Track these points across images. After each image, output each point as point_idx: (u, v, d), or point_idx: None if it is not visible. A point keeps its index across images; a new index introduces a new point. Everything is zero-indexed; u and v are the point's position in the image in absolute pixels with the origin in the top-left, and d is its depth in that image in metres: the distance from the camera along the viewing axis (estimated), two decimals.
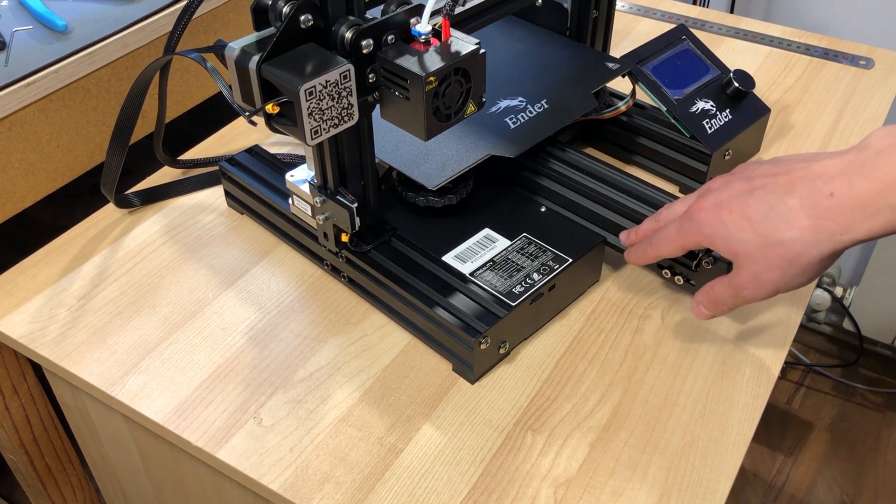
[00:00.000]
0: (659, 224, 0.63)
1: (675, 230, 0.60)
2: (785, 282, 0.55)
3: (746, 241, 0.55)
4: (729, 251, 0.56)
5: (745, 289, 0.57)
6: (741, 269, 0.56)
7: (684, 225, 0.59)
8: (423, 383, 0.63)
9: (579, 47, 0.84)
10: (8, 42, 0.80)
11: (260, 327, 0.68)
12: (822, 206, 0.51)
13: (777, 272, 0.54)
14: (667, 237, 0.61)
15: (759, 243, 0.54)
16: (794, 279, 0.54)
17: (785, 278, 0.55)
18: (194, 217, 0.79)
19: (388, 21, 0.56)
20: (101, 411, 0.69)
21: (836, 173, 0.51)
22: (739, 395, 0.62)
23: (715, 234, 0.56)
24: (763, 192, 0.54)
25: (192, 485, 0.68)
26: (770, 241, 0.54)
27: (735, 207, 0.55)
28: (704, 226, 0.57)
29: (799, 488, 1.51)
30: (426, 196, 0.70)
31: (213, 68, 0.61)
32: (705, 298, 0.61)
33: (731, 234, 0.55)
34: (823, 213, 0.51)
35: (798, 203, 0.53)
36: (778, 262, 0.54)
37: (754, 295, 0.57)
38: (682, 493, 0.56)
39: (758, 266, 0.55)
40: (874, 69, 0.97)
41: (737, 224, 0.55)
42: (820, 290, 1.65)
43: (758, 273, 0.55)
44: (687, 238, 0.59)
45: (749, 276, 0.56)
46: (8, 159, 0.76)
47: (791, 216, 0.53)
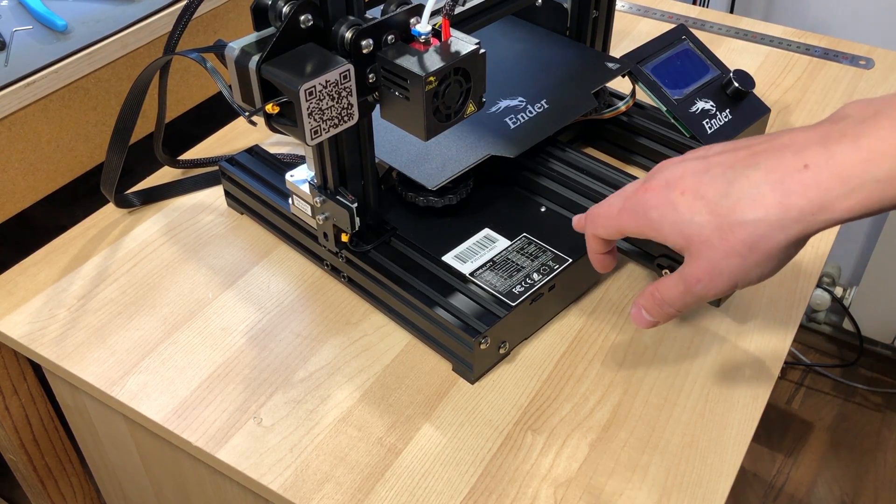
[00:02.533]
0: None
1: (618, 208, 0.52)
2: (745, 271, 0.47)
3: (701, 223, 0.47)
4: (680, 237, 0.48)
5: (699, 282, 0.49)
6: (694, 259, 0.48)
7: (628, 204, 0.51)
8: (423, 383, 0.63)
9: (579, 47, 0.84)
10: (8, 42, 0.80)
11: (260, 327, 0.68)
12: (792, 179, 0.44)
13: (736, 259, 0.47)
14: (606, 214, 0.54)
15: (716, 225, 0.46)
16: (756, 268, 0.47)
17: (746, 267, 0.47)
18: (194, 217, 0.79)
19: (388, 21, 0.56)
20: (101, 411, 0.69)
21: (809, 144, 0.44)
22: (739, 395, 0.62)
23: (663, 217, 0.49)
24: (721, 168, 0.47)
25: (192, 485, 0.68)
26: (729, 221, 0.46)
27: (688, 186, 0.48)
28: (651, 208, 0.49)
29: (799, 488, 1.51)
30: (426, 196, 0.70)
31: (213, 68, 0.61)
32: (648, 300, 0.53)
33: (682, 216, 0.48)
34: (794, 188, 0.44)
35: (763, 177, 0.45)
36: (738, 247, 0.46)
37: (708, 289, 0.49)
38: (682, 493, 0.56)
39: (714, 253, 0.47)
40: (874, 69, 0.97)
41: (689, 205, 0.47)
42: (820, 290, 1.65)
43: (714, 261, 0.47)
44: (628, 220, 0.52)
45: (703, 267, 0.48)
46: (8, 159, 0.76)
47: (755, 192, 0.45)
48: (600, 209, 0.55)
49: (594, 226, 0.56)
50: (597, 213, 0.55)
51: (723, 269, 0.48)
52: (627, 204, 0.52)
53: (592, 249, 0.58)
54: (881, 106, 0.44)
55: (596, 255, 0.58)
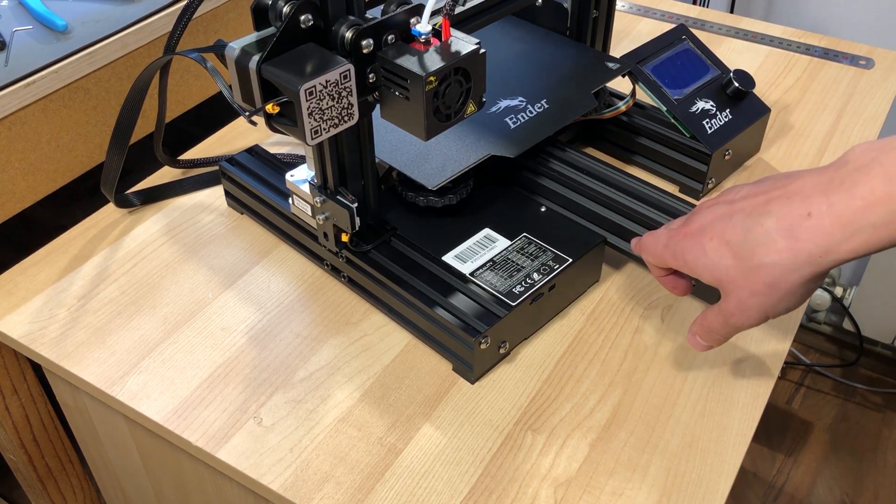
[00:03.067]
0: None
1: (662, 245, 0.58)
2: (772, 306, 0.53)
3: (728, 266, 0.53)
4: (713, 278, 0.54)
5: (734, 316, 0.55)
6: (727, 296, 0.54)
7: (670, 243, 0.57)
8: (423, 383, 0.63)
9: (579, 47, 0.84)
10: (8, 42, 0.80)
11: (260, 327, 0.68)
12: (799, 227, 0.49)
13: (762, 297, 0.52)
14: (653, 248, 0.59)
15: (741, 268, 0.52)
16: (781, 303, 0.52)
17: (770, 303, 0.52)
18: (194, 217, 0.79)
19: (388, 21, 0.56)
20: (101, 411, 0.69)
21: (814, 192, 0.49)
22: (739, 395, 0.62)
23: (696, 261, 0.55)
24: (741, 216, 0.52)
25: (192, 485, 0.68)
26: (751, 265, 0.52)
27: (716, 233, 0.54)
28: (687, 251, 0.56)
29: (799, 488, 1.51)
30: (426, 196, 0.70)
31: (213, 68, 0.61)
32: (699, 328, 0.59)
33: (711, 260, 0.54)
34: (801, 235, 0.49)
35: (775, 225, 0.50)
36: (761, 287, 0.52)
37: (743, 322, 0.55)
38: (682, 493, 0.56)
39: (742, 292, 0.53)
40: (874, 69, 0.97)
41: (717, 250, 0.53)
42: (820, 290, 1.65)
43: (743, 299, 0.53)
44: (670, 258, 0.58)
45: (735, 303, 0.54)
46: (8, 159, 0.76)
47: (768, 239, 0.50)
48: (649, 241, 0.60)
49: (644, 253, 0.61)
50: (645, 244, 0.61)
51: (751, 305, 0.53)
52: (670, 243, 0.57)
53: (652, 272, 0.62)
54: (878, 153, 0.47)
55: (656, 277, 0.62)
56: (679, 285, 0.61)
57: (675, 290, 0.62)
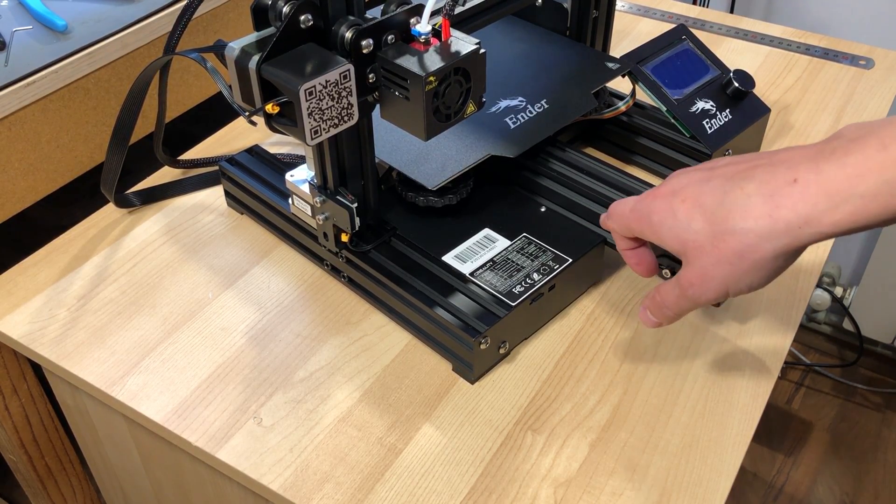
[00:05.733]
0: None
1: (629, 208, 0.55)
2: (735, 279, 0.49)
3: (696, 230, 0.49)
4: (677, 242, 0.51)
5: (692, 286, 0.51)
6: (689, 264, 0.51)
7: (637, 206, 0.54)
8: (423, 383, 0.63)
9: (579, 47, 0.84)
10: (8, 42, 0.80)
11: (260, 327, 0.68)
12: (781, 192, 0.46)
13: (726, 267, 0.49)
14: (620, 212, 0.56)
15: (710, 232, 0.49)
16: (745, 277, 0.49)
17: (735, 275, 0.49)
18: (194, 217, 0.79)
19: (388, 21, 0.56)
20: (101, 411, 0.69)
21: (803, 160, 0.46)
22: (739, 395, 0.62)
23: (662, 222, 0.51)
24: (721, 180, 0.49)
25: (192, 485, 0.68)
26: (721, 229, 0.48)
27: (689, 195, 0.50)
28: (653, 213, 0.52)
29: (799, 488, 1.51)
30: (426, 196, 0.70)
31: (213, 68, 0.61)
32: (651, 301, 0.56)
33: (679, 223, 0.50)
34: (783, 201, 0.46)
35: (756, 188, 0.47)
36: (728, 255, 0.48)
37: (701, 293, 0.51)
38: (682, 493, 0.56)
39: (706, 259, 0.49)
40: (874, 69, 0.97)
41: (688, 212, 0.50)
42: (820, 290, 1.65)
43: (706, 267, 0.49)
44: (635, 221, 0.54)
45: (696, 272, 0.50)
46: (8, 159, 0.76)
47: (747, 203, 0.47)
48: (616, 206, 0.57)
49: (611, 220, 0.58)
50: (613, 209, 0.57)
51: (714, 275, 0.50)
52: (637, 206, 0.54)
53: (617, 245, 0.59)
54: (874, 127, 0.45)
55: (621, 250, 0.59)
56: (643, 261, 0.58)
57: (639, 266, 0.58)
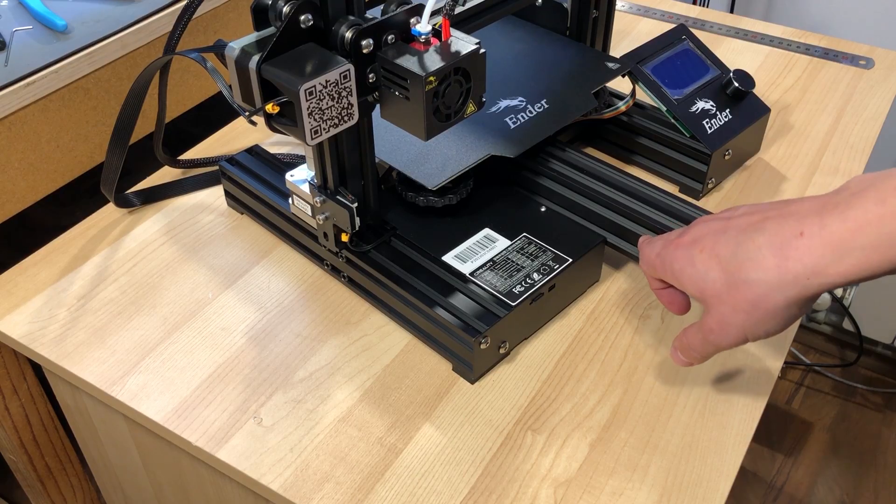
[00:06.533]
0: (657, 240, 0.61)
1: (655, 254, 0.58)
2: (751, 326, 0.52)
3: (713, 279, 0.52)
4: (697, 290, 0.54)
5: (713, 332, 0.54)
6: (709, 311, 0.54)
7: (662, 253, 0.57)
8: (423, 383, 0.63)
9: (579, 47, 0.84)
10: (8, 42, 0.80)
11: (260, 327, 0.68)
12: (789, 245, 0.49)
13: (742, 315, 0.51)
14: (647, 256, 0.59)
15: (726, 282, 0.51)
16: (761, 325, 0.51)
17: (750, 322, 0.51)
18: (194, 217, 0.79)
19: (388, 21, 0.56)
20: (101, 411, 0.69)
21: (810, 213, 0.49)
22: (739, 395, 0.62)
23: (683, 271, 0.54)
24: (735, 231, 0.52)
25: (192, 485, 0.68)
26: (736, 280, 0.51)
27: (707, 245, 0.53)
28: (675, 261, 0.55)
29: (799, 488, 1.51)
30: (426, 196, 0.70)
31: (213, 68, 0.61)
32: (679, 343, 0.58)
33: (698, 272, 0.53)
34: (790, 254, 0.48)
35: (766, 241, 0.50)
36: (743, 305, 0.51)
37: (721, 340, 0.54)
38: (682, 493, 0.56)
39: (724, 307, 0.52)
40: (874, 69, 0.97)
41: (705, 262, 0.53)
42: None
43: (724, 315, 0.52)
44: (660, 267, 0.57)
45: (716, 319, 0.53)
46: (8, 159, 0.76)
47: (758, 255, 0.50)
48: (645, 248, 0.60)
49: (641, 263, 0.60)
50: (642, 251, 0.60)
51: (731, 323, 0.52)
52: (662, 253, 0.57)
53: (650, 284, 0.62)
54: (875, 180, 0.47)
55: (653, 290, 0.61)
56: (675, 301, 0.60)
57: (672, 306, 0.61)
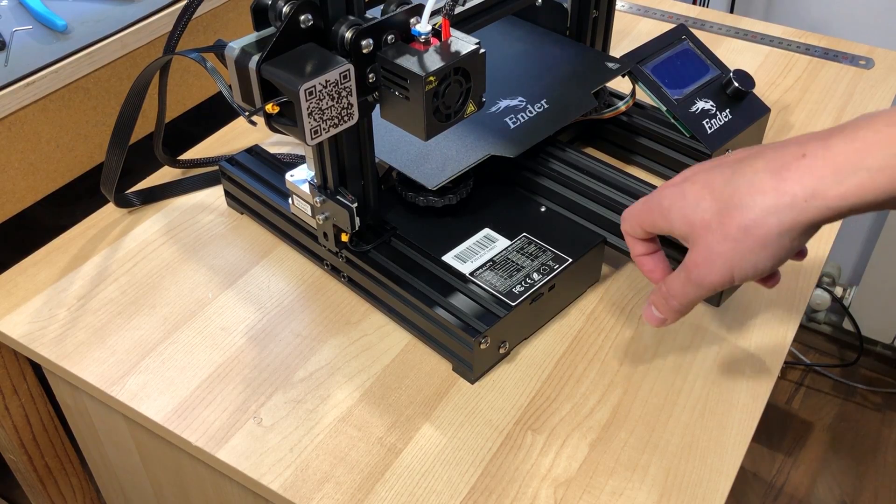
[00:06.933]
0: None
1: (641, 202, 0.55)
2: (740, 257, 0.48)
3: (704, 209, 0.49)
4: (685, 223, 0.51)
5: (697, 266, 0.50)
6: (694, 246, 0.50)
7: (648, 198, 0.55)
8: (423, 383, 0.63)
9: (579, 47, 0.84)
10: (8, 42, 0.80)
11: (260, 327, 0.68)
12: (789, 166, 0.46)
13: (731, 243, 0.48)
14: (630, 210, 0.57)
15: (716, 209, 0.49)
16: (750, 255, 0.48)
17: (739, 252, 0.48)
18: (194, 217, 0.79)
19: (388, 21, 0.56)
20: (101, 411, 0.69)
21: (813, 139, 0.47)
22: (739, 395, 0.62)
23: (672, 205, 0.51)
24: (731, 162, 0.50)
25: (192, 485, 0.68)
26: (728, 205, 0.48)
27: (699, 179, 0.51)
28: (664, 198, 0.52)
29: (799, 488, 1.51)
30: (426, 196, 0.70)
31: (213, 68, 0.61)
32: (656, 295, 0.55)
33: (688, 203, 0.50)
34: (789, 175, 0.46)
35: (764, 165, 0.47)
36: (733, 231, 0.48)
37: (705, 274, 0.50)
38: (682, 493, 0.56)
39: (712, 237, 0.49)
40: (874, 69, 0.97)
41: (696, 193, 0.50)
42: (820, 290, 1.65)
43: (711, 245, 0.49)
44: (645, 213, 0.54)
45: (701, 251, 0.50)
46: (8, 159, 0.76)
47: (754, 178, 0.47)
48: (629, 208, 0.57)
49: (622, 222, 0.58)
50: (625, 210, 0.58)
51: (719, 253, 0.49)
52: (648, 198, 0.55)
53: (631, 251, 0.59)
54: (886, 110, 0.46)
55: (635, 257, 0.59)
56: (657, 267, 0.58)
57: (653, 273, 0.58)
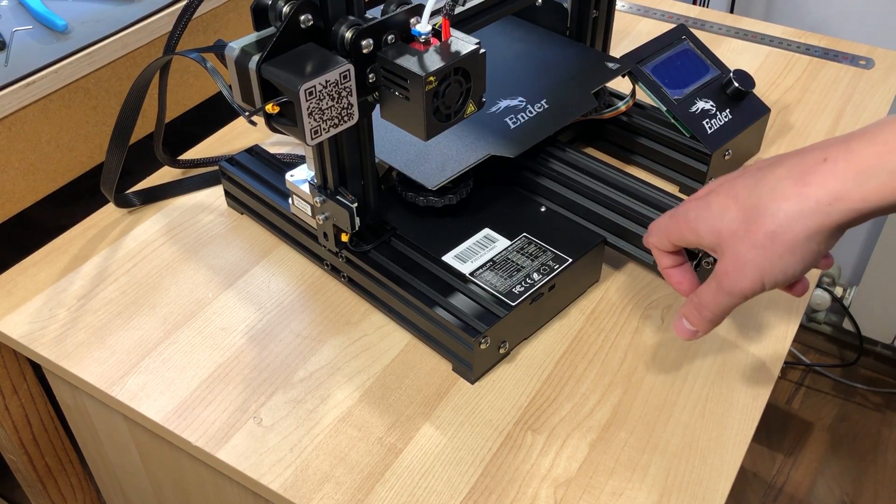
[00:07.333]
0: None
1: (668, 215, 0.56)
2: (769, 263, 0.49)
3: (730, 218, 0.50)
4: (712, 234, 0.51)
5: (727, 276, 0.51)
6: (724, 254, 0.51)
7: (675, 211, 0.55)
8: (423, 383, 0.63)
9: (579, 47, 0.84)
10: (8, 42, 0.80)
11: (260, 327, 0.68)
12: (812, 172, 0.47)
13: (759, 251, 0.49)
14: (657, 224, 0.57)
15: (742, 218, 0.49)
16: (779, 261, 0.48)
17: (769, 259, 0.49)
18: (194, 217, 0.79)
19: (388, 21, 0.56)
20: (101, 411, 0.69)
21: (834, 143, 0.47)
22: (739, 395, 0.62)
23: (698, 217, 0.52)
24: (753, 171, 0.51)
25: (192, 485, 0.68)
26: (753, 213, 0.49)
27: (723, 190, 0.52)
28: (690, 210, 0.53)
29: (799, 488, 1.51)
30: (426, 196, 0.70)
31: (213, 68, 0.61)
32: (688, 306, 0.56)
33: (714, 214, 0.51)
34: (812, 180, 0.46)
35: (786, 171, 0.48)
36: (761, 238, 0.48)
37: (736, 281, 0.51)
38: (682, 493, 0.56)
39: (740, 245, 0.49)
40: (874, 69, 0.97)
41: (721, 203, 0.51)
42: (820, 290, 1.65)
43: (740, 253, 0.50)
44: (672, 226, 0.55)
45: (731, 260, 0.50)
46: (8, 159, 0.76)
47: (777, 185, 0.48)
48: (655, 221, 0.58)
49: (649, 236, 0.59)
50: (652, 224, 0.58)
51: (748, 261, 0.50)
52: (675, 211, 0.55)
53: (658, 264, 0.60)
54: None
55: (662, 269, 0.59)
56: (685, 280, 0.58)
57: (680, 285, 0.58)
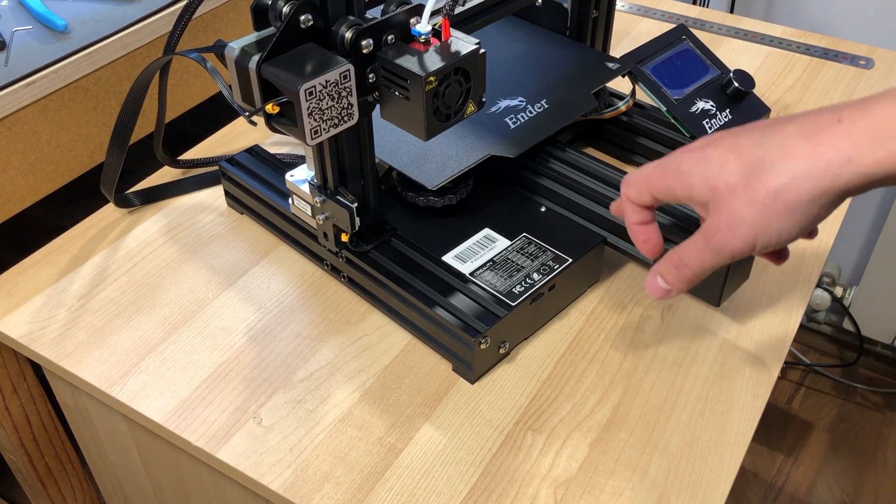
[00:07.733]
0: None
1: (651, 167, 0.52)
2: (765, 223, 0.46)
3: (730, 172, 0.47)
4: (707, 187, 0.48)
5: (719, 231, 0.47)
6: (716, 211, 0.47)
7: (663, 162, 0.51)
8: (423, 383, 0.63)
9: (579, 47, 0.84)
10: (8, 42, 0.80)
11: (260, 327, 0.68)
12: (825, 131, 0.44)
13: (758, 208, 0.46)
14: (639, 174, 0.53)
15: (743, 173, 0.46)
16: (776, 221, 0.46)
17: (766, 218, 0.46)
18: (194, 217, 0.79)
19: (388, 21, 0.56)
20: (101, 411, 0.69)
21: (849, 105, 0.45)
22: (739, 395, 0.62)
23: (692, 169, 0.48)
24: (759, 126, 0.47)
25: (192, 485, 0.68)
26: (756, 169, 0.46)
27: (724, 143, 0.48)
28: (682, 162, 0.49)
29: (799, 488, 1.51)
30: (426, 196, 0.70)
31: (213, 68, 0.61)
32: (665, 264, 0.52)
33: (712, 166, 0.47)
34: (825, 139, 0.44)
35: (797, 129, 0.45)
36: (762, 195, 0.45)
37: (727, 240, 0.47)
38: (682, 493, 0.56)
39: (737, 201, 0.46)
40: (874, 69, 0.97)
41: (722, 156, 0.47)
42: (820, 290, 1.65)
43: (736, 210, 0.46)
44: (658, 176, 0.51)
45: (724, 216, 0.47)
46: (8, 159, 0.76)
47: (786, 142, 0.45)
48: (637, 170, 0.54)
49: (626, 187, 0.54)
50: (630, 175, 0.54)
51: (743, 218, 0.47)
52: (663, 162, 0.52)
53: (627, 218, 0.56)
54: None
55: (631, 225, 0.56)
56: (651, 238, 0.55)
57: (646, 244, 0.55)
